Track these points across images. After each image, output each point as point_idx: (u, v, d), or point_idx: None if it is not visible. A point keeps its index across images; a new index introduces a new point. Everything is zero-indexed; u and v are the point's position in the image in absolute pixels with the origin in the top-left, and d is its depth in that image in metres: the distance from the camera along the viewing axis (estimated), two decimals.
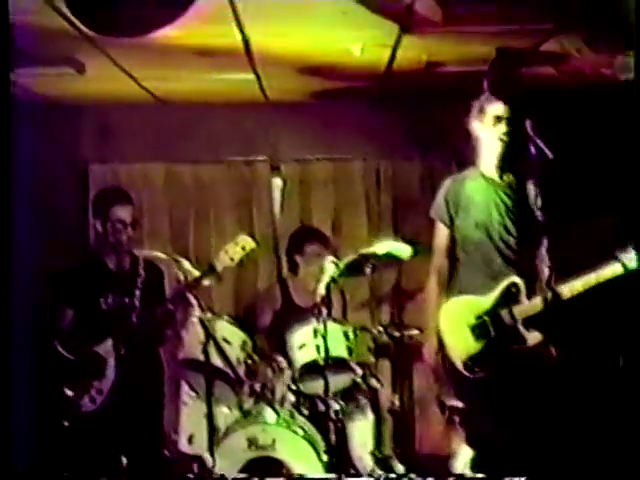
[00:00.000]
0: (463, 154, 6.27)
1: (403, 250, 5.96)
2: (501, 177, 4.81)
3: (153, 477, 5.64)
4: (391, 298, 7.02)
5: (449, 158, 7.37)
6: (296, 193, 7.68)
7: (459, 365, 4.79)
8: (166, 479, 6.00)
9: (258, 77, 6.53)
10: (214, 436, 5.43)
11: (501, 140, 4.73)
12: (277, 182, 7.59)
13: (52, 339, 5.51)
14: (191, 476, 5.89)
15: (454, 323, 4.84)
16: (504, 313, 4.68)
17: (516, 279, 4.67)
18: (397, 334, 6.53)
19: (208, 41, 5.50)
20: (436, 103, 7.05)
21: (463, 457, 5.98)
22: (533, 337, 4.64)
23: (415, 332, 6.65)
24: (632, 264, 4.43)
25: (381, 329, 6.55)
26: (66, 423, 5.37)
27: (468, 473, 5.86)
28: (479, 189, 4.86)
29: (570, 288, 4.54)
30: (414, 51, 5.83)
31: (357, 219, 7.69)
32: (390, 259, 5.98)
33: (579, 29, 5.35)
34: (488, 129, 4.77)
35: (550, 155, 4.67)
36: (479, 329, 4.73)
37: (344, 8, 4.88)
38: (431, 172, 7.61)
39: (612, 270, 4.47)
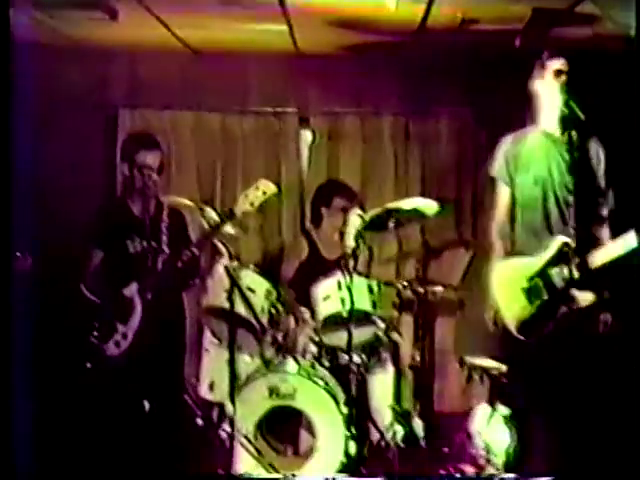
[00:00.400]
0: (494, 112, 6.33)
1: (429, 206, 5.97)
2: (563, 133, 4.74)
3: (173, 422, 5.68)
4: (417, 254, 6.92)
5: (480, 116, 7.46)
6: (324, 146, 7.65)
7: (512, 328, 4.73)
8: (186, 424, 6.09)
9: (290, 28, 6.50)
10: (235, 383, 5.44)
11: (562, 92, 4.65)
12: (305, 134, 7.59)
13: (79, 281, 5.57)
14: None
15: (506, 286, 4.79)
16: (556, 274, 4.61)
17: (567, 239, 4.62)
18: (421, 290, 6.51)
19: None
20: (469, 60, 7.06)
21: (481, 414, 6.04)
22: (585, 298, 4.59)
23: (439, 289, 6.70)
24: None
25: (405, 284, 6.53)
26: (89, 365, 5.40)
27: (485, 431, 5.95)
28: (539, 146, 4.80)
29: (626, 241, 4.45)
30: (449, 7, 5.80)
31: (385, 175, 7.67)
32: (415, 215, 5.97)
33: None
34: (549, 84, 4.70)
35: (582, 117, 4.63)
36: (531, 291, 4.68)
37: None
38: (460, 130, 7.63)
39: None
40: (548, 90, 4.72)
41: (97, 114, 7.53)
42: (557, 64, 4.68)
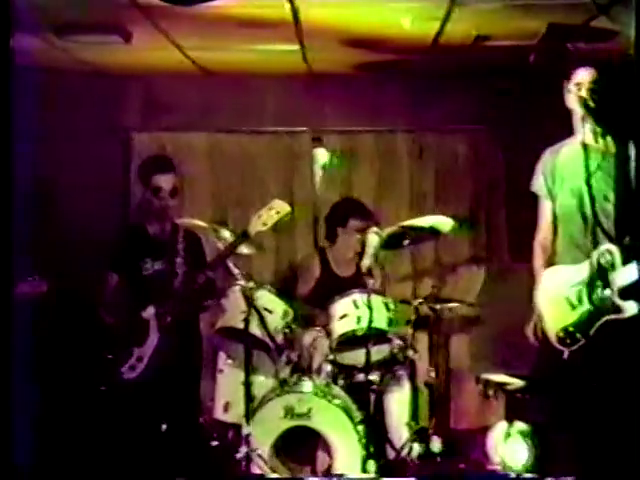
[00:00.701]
0: (508, 128, 6.34)
1: (444, 224, 6.00)
2: (597, 143, 4.62)
3: (189, 444, 5.69)
4: (431, 271, 7.02)
5: (494, 132, 7.47)
6: (338, 165, 7.54)
7: (553, 338, 4.61)
8: (201, 447, 6.04)
9: (303, 48, 6.52)
10: (250, 404, 5.45)
11: (582, 105, 4.58)
12: (319, 153, 7.38)
13: (97, 305, 5.59)
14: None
15: (549, 294, 4.68)
16: (599, 282, 4.49)
17: (611, 246, 4.47)
18: (436, 307, 6.48)
19: (256, 11, 5.52)
20: (483, 77, 7.06)
21: (498, 431, 6.01)
22: (630, 307, 4.40)
23: (454, 305, 6.67)
24: None
25: (421, 301, 6.47)
26: (103, 388, 5.43)
27: (501, 449, 5.92)
28: (575, 156, 4.70)
29: None
30: (464, 25, 5.82)
31: (399, 192, 7.68)
32: (430, 232, 5.99)
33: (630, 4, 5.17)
34: (574, 97, 4.65)
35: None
36: (574, 299, 4.56)
37: None
38: (475, 146, 7.63)
39: None
40: (574, 103, 4.67)
41: (112, 138, 7.55)
42: (578, 77, 4.63)
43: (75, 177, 7.10)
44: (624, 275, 4.40)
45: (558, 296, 4.63)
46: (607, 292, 4.45)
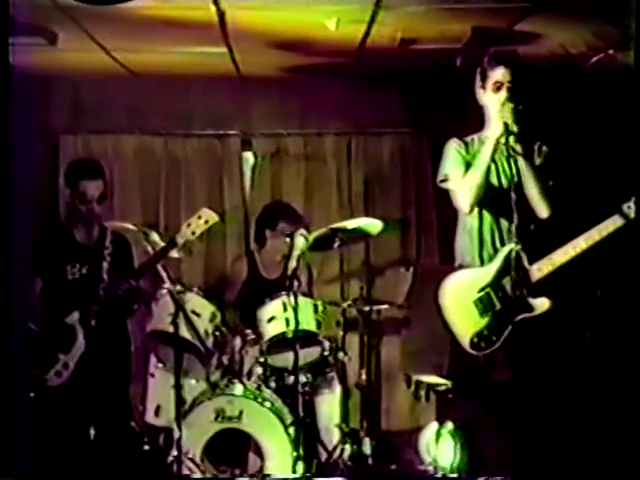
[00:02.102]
0: (435, 129, 6.39)
1: (373, 225, 6.02)
2: (507, 141, 4.62)
3: (120, 449, 5.63)
4: (360, 273, 7.05)
5: (420, 134, 7.54)
6: (267, 168, 7.66)
7: (465, 344, 4.62)
8: (133, 451, 5.99)
9: (231, 51, 6.49)
10: (181, 408, 5.43)
11: (503, 107, 4.62)
12: (248, 156, 7.57)
13: (21, 310, 5.50)
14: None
15: (456, 299, 4.68)
16: (507, 282, 4.56)
17: (517, 246, 4.55)
18: (366, 309, 6.54)
19: (182, 13, 5.46)
20: (409, 80, 7.12)
21: (429, 431, 6.04)
22: (541, 304, 4.52)
23: (383, 307, 6.72)
24: (632, 214, 4.38)
25: (350, 303, 6.59)
26: (32, 394, 5.30)
27: (433, 449, 5.96)
28: (486, 152, 4.68)
29: (573, 246, 4.46)
30: (390, 28, 5.81)
31: (328, 195, 7.69)
32: (360, 234, 6.02)
33: (555, 8, 5.35)
34: (491, 96, 4.70)
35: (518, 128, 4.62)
36: (483, 303, 4.60)
37: None
38: (402, 148, 7.67)
39: (613, 223, 4.41)
40: (490, 100, 4.71)
41: (39, 140, 7.37)
42: (497, 75, 4.66)
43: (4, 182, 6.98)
44: (533, 274, 4.50)
45: (466, 302, 4.64)
46: (516, 291, 4.53)
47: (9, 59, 6.31)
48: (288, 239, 6.38)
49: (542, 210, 4.68)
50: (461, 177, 4.75)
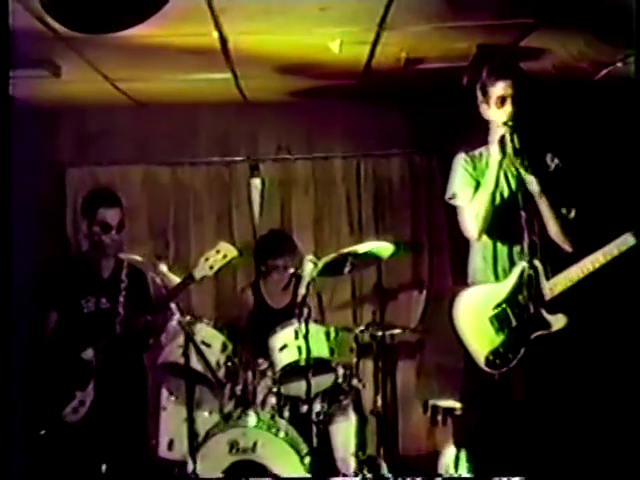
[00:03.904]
0: (444, 149, 6.34)
1: (384, 249, 5.98)
2: (516, 154, 4.53)
3: None
4: (372, 297, 7.00)
5: (429, 154, 7.49)
6: (276, 193, 7.63)
7: (481, 362, 4.55)
8: None
9: (235, 76, 6.48)
10: (194, 441, 5.37)
11: (508, 121, 4.54)
12: (256, 183, 7.59)
13: (36, 345, 5.45)
14: None
15: (471, 317, 4.62)
16: (523, 298, 4.49)
17: (534, 261, 4.47)
18: (379, 333, 6.48)
19: (184, 40, 5.45)
20: (415, 99, 7.06)
21: (448, 456, 5.97)
22: (558, 321, 4.44)
23: (397, 331, 6.69)
24: None
25: (363, 328, 6.51)
26: (42, 432, 5.25)
27: (453, 473, 5.90)
28: (494, 168, 4.61)
29: (591, 262, 4.35)
30: (393, 48, 5.78)
31: (338, 219, 7.64)
32: (370, 258, 5.98)
33: (562, 24, 5.32)
34: (495, 111, 4.62)
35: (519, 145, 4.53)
36: (499, 320, 4.54)
37: (321, 4, 4.85)
38: (411, 169, 7.61)
39: (625, 241, 4.29)
40: (496, 115, 4.64)
41: (45, 173, 7.41)
42: (500, 90, 4.59)
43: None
44: (549, 290, 4.43)
45: (481, 319, 4.57)
46: (533, 307, 4.45)
47: (11, 92, 6.36)
48: (289, 268, 6.43)
49: (565, 245, 4.61)
50: (469, 199, 4.70)
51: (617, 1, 4.73)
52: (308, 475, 5.44)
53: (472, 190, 4.70)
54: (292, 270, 6.44)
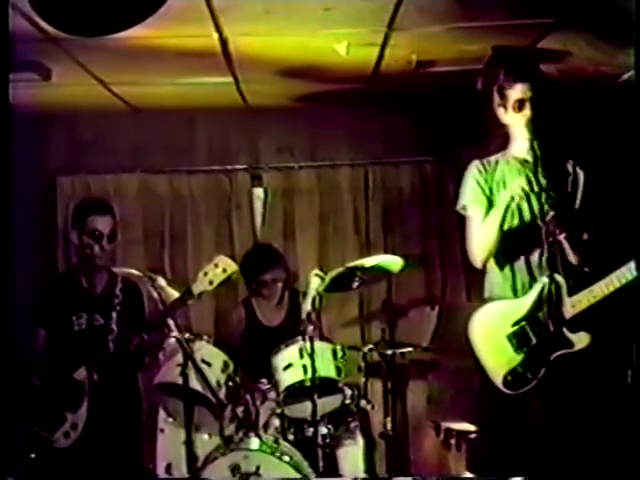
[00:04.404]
0: (457, 157, 6.22)
1: (393, 263, 5.89)
2: (535, 159, 4.43)
3: None
4: (382, 314, 6.90)
5: (441, 162, 7.38)
6: (278, 203, 7.52)
7: (498, 382, 4.42)
8: None
9: (236, 80, 6.40)
10: (193, 465, 5.15)
11: (528, 125, 4.42)
12: (258, 192, 7.52)
13: (24, 365, 5.22)
14: None
15: (488, 335, 4.51)
16: (543, 315, 4.35)
17: (556, 276, 4.33)
18: (389, 352, 6.41)
19: (183, 42, 5.40)
20: (426, 105, 6.92)
21: None
22: (580, 339, 4.28)
23: (408, 350, 6.58)
24: None
25: (372, 347, 6.41)
26: (33, 456, 5.04)
27: None
28: (512, 171, 4.56)
29: (618, 277, 4.18)
30: (403, 50, 5.71)
31: (345, 231, 7.52)
32: (379, 272, 5.88)
33: (578, 25, 5.24)
34: (513, 115, 4.50)
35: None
36: (517, 337, 4.41)
37: (326, 4, 4.77)
38: (422, 178, 7.50)
39: None
40: (513, 121, 4.53)
41: (35, 182, 7.17)
42: (518, 93, 4.46)
43: None
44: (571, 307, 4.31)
45: (498, 337, 4.45)
46: (554, 325, 4.33)
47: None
48: (280, 283, 6.31)
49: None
50: (480, 218, 4.58)
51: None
52: None
53: (483, 208, 4.60)
54: (281, 283, 6.31)
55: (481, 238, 4.56)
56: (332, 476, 5.76)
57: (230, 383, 5.62)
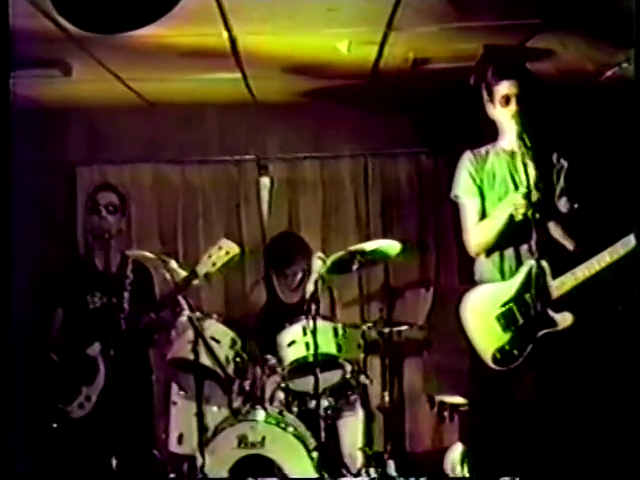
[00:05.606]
0: (451, 149, 6.39)
1: (391, 247, 6.01)
2: (522, 150, 4.49)
3: (144, 478, 5.62)
4: (380, 295, 7.06)
5: (436, 154, 7.53)
6: (284, 192, 7.66)
7: (487, 359, 4.55)
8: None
9: (245, 77, 6.51)
10: (204, 435, 5.40)
11: (514, 119, 4.53)
12: (265, 182, 7.64)
13: (42, 341, 5.50)
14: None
15: (478, 315, 4.61)
16: (530, 297, 4.46)
17: (540, 260, 4.43)
18: (386, 330, 6.54)
19: (195, 41, 5.50)
20: (422, 100, 7.08)
21: (455, 453, 5.99)
22: (564, 319, 4.40)
23: (404, 328, 6.71)
24: None
25: (370, 325, 6.55)
26: (54, 425, 5.31)
27: (459, 470, 5.92)
28: (501, 163, 4.66)
29: (598, 261, 4.31)
30: (401, 48, 5.82)
31: (346, 217, 7.67)
32: (378, 256, 6.01)
33: (568, 25, 5.37)
34: (501, 110, 4.61)
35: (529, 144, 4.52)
36: (505, 318, 4.51)
37: (329, 5, 4.89)
38: (418, 169, 7.65)
39: (629, 242, 4.24)
40: (501, 116, 4.64)
41: (55, 173, 7.49)
42: (504, 89, 4.58)
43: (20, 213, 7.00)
44: (555, 289, 4.42)
45: (488, 317, 4.56)
46: (539, 306, 4.43)
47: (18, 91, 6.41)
48: (300, 274, 6.47)
49: (568, 243, 4.59)
50: (473, 209, 4.70)
51: (618, 2, 4.79)
52: (315, 475, 5.46)
53: (475, 197, 4.70)
54: (302, 274, 6.46)
55: (477, 237, 4.66)
56: (333, 445, 5.94)
57: (238, 359, 5.78)
